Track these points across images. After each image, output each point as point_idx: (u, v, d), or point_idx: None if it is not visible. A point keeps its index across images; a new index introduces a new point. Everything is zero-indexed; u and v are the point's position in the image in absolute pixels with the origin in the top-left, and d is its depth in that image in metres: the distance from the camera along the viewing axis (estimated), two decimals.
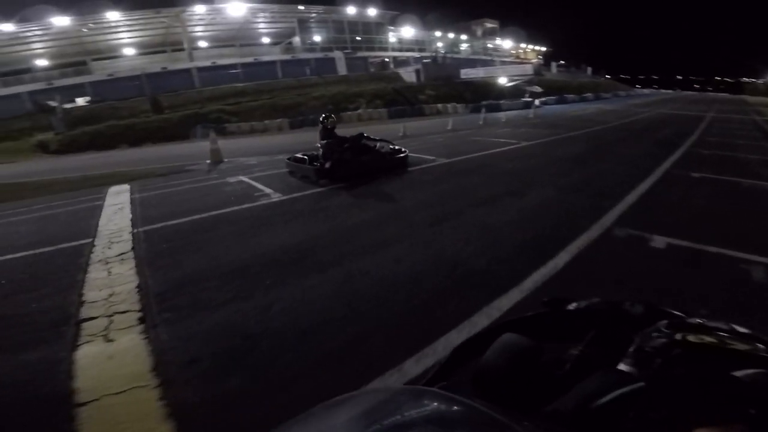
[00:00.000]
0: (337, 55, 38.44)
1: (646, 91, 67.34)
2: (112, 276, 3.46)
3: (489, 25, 57.66)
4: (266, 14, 38.30)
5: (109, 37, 34.65)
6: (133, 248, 4.12)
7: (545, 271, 3.03)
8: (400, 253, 3.52)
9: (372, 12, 41.30)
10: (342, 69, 37.64)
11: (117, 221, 5.15)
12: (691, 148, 9.32)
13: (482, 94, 31.67)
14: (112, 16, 31.12)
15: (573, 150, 9.17)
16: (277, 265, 3.41)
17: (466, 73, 37.12)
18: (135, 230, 4.70)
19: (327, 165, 6.44)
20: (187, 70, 34.50)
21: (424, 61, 37.18)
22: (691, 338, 0.54)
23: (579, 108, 26.28)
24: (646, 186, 5.64)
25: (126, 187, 7.42)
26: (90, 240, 4.48)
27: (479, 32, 56.33)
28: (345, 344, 2.28)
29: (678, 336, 0.54)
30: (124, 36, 35.50)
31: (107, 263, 3.77)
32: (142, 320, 2.67)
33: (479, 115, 18.24)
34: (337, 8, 39.79)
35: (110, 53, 36.33)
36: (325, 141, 6.75)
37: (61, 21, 29.67)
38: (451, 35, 51.17)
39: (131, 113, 26.64)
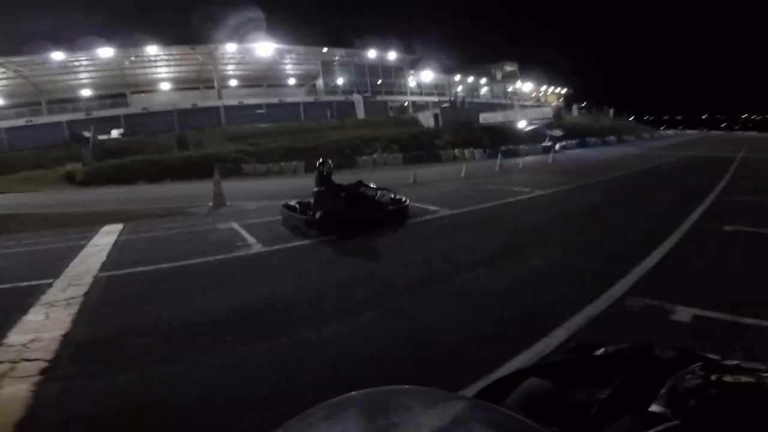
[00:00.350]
0: (356, 98, 39.19)
1: (670, 132, 65.90)
2: (48, 320, 3.29)
3: (509, 68, 58.12)
4: (292, 56, 40.22)
5: (147, 71, 37.05)
6: (86, 293, 3.90)
7: (531, 353, 2.45)
8: (366, 322, 3.03)
9: (392, 56, 42.58)
10: (360, 112, 38.26)
11: (89, 263, 4.93)
12: (722, 194, 8.54)
13: (501, 139, 31.30)
14: (151, 50, 33.22)
15: (590, 200, 8.59)
16: (222, 327, 3.01)
17: (485, 118, 36.64)
18: (99, 275, 4.45)
19: (317, 216, 6.04)
20: (216, 108, 36.09)
21: (443, 105, 37.14)
22: (727, 378, 0.52)
23: (601, 152, 25.61)
24: (670, 243, 4.90)
25: (119, 227, 7.27)
26: (51, 281, 4.27)
27: (499, 75, 56.75)
28: None
29: (713, 377, 0.53)
30: (162, 71, 37.90)
31: (52, 306, 3.62)
32: (44, 371, 2.46)
33: (496, 161, 17.97)
34: (360, 52, 41.29)
35: (147, 87, 38.73)
36: (317, 189, 6.45)
37: (105, 53, 31.80)
38: (470, 79, 51.95)
39: (158, 149, 27.61)
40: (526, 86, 59.96)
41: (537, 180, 12.55)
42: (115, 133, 31.33)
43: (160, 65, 37.16)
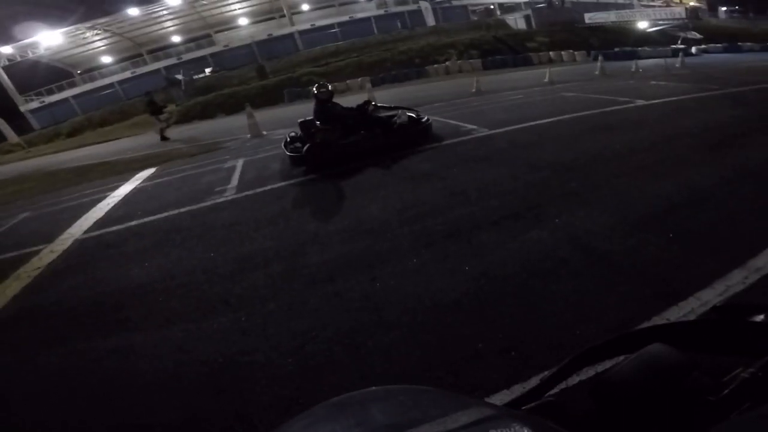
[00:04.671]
0: (424, 5, 35.49)
1: None
2: None
3: None
4: None
5: (223, 9, 37.30)
6: (51, 263, 3.75)
7: None
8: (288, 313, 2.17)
9: None
10: (430, 20, 34.69)
11: (86, 222, 4.83)
12: None
13: (614, 41, 26.50)
14: None
15: (714, 117, 5.75)
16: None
17: (592, 17, 31.65)
18: (79, 237, 4.33)
19: (304, 150, 5.19)
20: (290, 35, 35.49)
21: (537, 5, 32.61)
22: None
23: (758, 58, 18.87)
24: None
25: (149, 172, 7.36)
26: (42, 247, 4.21)
27: None
28: None
29: None
30: (236, 7, 37.81)
31: (17, 279, 3.49)
32: None
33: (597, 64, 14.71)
34: None
35: (228, 25, 39.33)
36: (303, 119, 5.62)
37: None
38: None
39: (240, 81, 28.57)
40: None
41: (647, 87, 9.59)
42: (208, 71, 33.08)
43: (233, 2, 36.83)
